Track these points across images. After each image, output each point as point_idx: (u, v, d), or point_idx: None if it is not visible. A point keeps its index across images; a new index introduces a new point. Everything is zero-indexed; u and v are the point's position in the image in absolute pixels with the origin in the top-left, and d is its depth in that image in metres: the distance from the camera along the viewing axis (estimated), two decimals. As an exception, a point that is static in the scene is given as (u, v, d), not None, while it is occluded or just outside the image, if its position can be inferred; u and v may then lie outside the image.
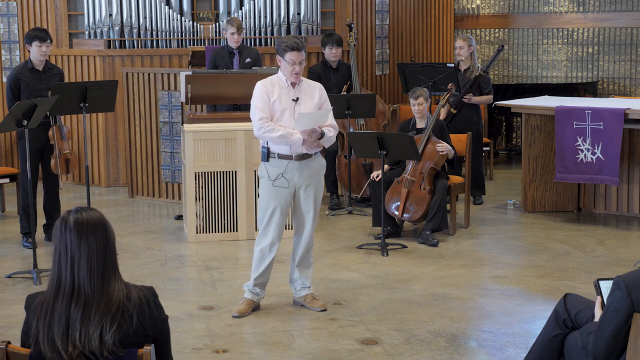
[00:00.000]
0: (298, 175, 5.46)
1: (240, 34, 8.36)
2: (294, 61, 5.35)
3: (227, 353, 4.93)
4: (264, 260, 5.55)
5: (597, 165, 7.61)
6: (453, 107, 8.57)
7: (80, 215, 2.94)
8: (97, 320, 2.85)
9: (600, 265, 6.58)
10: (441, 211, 7.22)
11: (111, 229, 2.99)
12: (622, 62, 11.04)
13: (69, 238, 2.90)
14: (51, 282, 2.93)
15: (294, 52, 5.34)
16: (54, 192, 7.31)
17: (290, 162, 5.44)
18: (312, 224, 5.60)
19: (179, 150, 8.71)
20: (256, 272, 5.57)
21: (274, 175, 5.45)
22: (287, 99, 5.43)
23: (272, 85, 5.44)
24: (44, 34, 7.04)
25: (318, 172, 5.58)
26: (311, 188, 5.52)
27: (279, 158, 5.44)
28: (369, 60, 10.59)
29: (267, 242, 5.53)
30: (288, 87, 5.45)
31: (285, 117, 5.42)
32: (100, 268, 2.91)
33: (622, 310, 3.45)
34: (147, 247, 7.21)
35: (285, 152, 5.44)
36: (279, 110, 5.42)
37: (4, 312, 5.65)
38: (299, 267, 5.68)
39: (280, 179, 5.44)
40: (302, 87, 5.50)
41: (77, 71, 9.76)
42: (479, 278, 6.33)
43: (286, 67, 5.39)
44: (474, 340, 5.12)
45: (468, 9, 11.91)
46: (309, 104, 5.47)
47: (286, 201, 5.51)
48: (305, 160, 5.47)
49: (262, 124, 5.37)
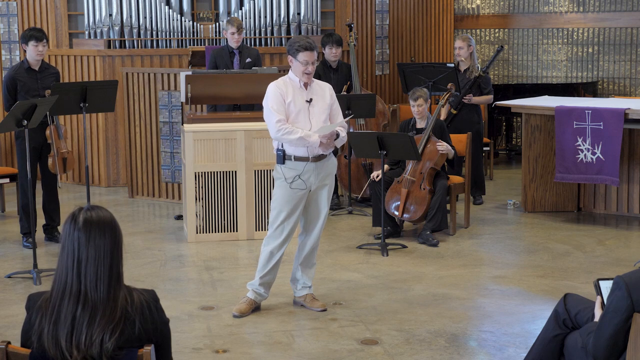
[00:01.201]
0: (314, 177, 5.48)
1: (241, 34, 8.36)
2: (307, 61, 5.36)
3: (227, 353, 4.93)
4: (271, 260, 5.55)
5: (597, 165, 7.61)
6: (453, 108, 8.57)
7: (90, 214, 2.90)
8: (100, 327, 2.83)
9: (600, 265, 6.58)
10: (441, 211, 7.22)
11: (120, 231, 2.95)
12: (622, 62, 11.04)
13: (77, 238, 2.87)
14: (57, 279, 2.90)
15: (307, 52, 5.35)
16: (52, 192, 7.31)
17: (307, 163, 5.44)
18: (322, 224, 5.63)
19: (179, 150, 8.71)
20: (262, 272, 5.57)
21: (291, 177, 5.45)
22: (301, 100, 5.44)
23: (286, 87, 5.44)
24: (40, 33, 7.04)
25: (332, 172, 5.61)
26: (326, 188, 5.56)
27: (296, 160, 5.45)
28: (369, 60, 10.59)
29: (277, 243, 5.53)
30: (301, 88, 5.45)
31: (300, 119, 5.43)
32: (107, 273, 2.88)
33: (622, 310, 3.45)
34: (147, 247, 7.21)
35: (302, 154, 5.44)
36: (294, 111, 5.42)
37: (4, 312, 5.65)
38: (302, 267, 5.68)
39: (298, 181, 5.45)
40: (314, 88, 5.51)
41: (77, 71, 9.76)
42: (479, 278, 6.33)
43: (298, 67, 5.39)
44: (474, 340, 5.12)
45: (468, 9, 11.91)
46: (322, 105, 5.49)
47: (301, 203, 5.52)
48: (321, 161, 5.50)
49: (281, 126, 5.35)
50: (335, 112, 5.58)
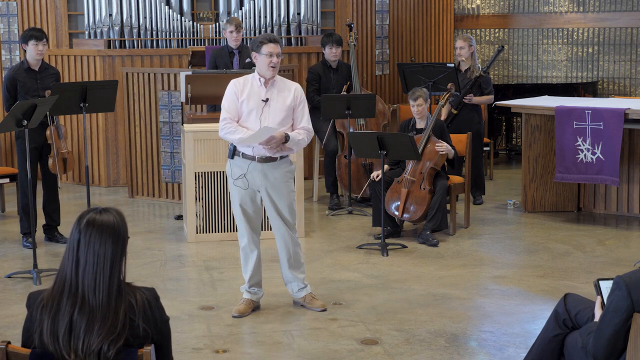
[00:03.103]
0: (260, 178, 5.39)
1: (239, 33, 8.36)
2: (271, 53, 5.29)
3: (227, 353, 4.93)
4: (248, 259, 5.54)
5: (597, 165, 7.61)
6: (454, 108, 8.57)
7: (94, 217, 2.91)
8: (100, 338, 2.83)
9: (600, 265, 6.58)
10: (441, 211, 7.22)
11: (124, 241, 2.93)
12: (622, 62, 11.04)
13: (76, 237, 2.90)
14: (59, 273, 2.93)
15: (271, 44, 5.31)
16: (52, 192, 7.32)
17: (252, 163, 5.39)
18: (284, 227, 5.48)
19: (179, 150, 8.71)
20: (246, 273, 5.56)
21: (237, 174, 5.42)
22: (256, 99, 5.37)
23: (244, 85, 5.39)
24: (40, 33, 7.04)
25: (285, 178, 5.46)
26: (275, 193, 5.42)
27: (243, 157, 5.41)
28: (369, 60, 10.59)
29: (244, 241, 5.52)
30: (260, 87, 5.38)
31: (251, 119, 5.37)
32: (106, 283, 2.87)
33: (622, 310, 3.45)
34: (147, 247, 7.21)
35: (249, 152, 5.39)
36: (246, 111, 5.37)
37: (4, 312, 5.65)
38: (289, 268, 5.62)
39: (242, 179, 5.41)
40: (277, 86, 5.42)
41: (77, 71, 9.76)
42: (479, 278, 6.33)
43: (263, 60, 5.32)
44: (474, 340, 5.12)
45: (468, 9, 11.91)
46: (280, 105, 5.38)
47: (251, 200, 5.45)
48: (270, 164, 5.39)
49: (224, 125, 5.36)
50: (299, 115, 5.44)
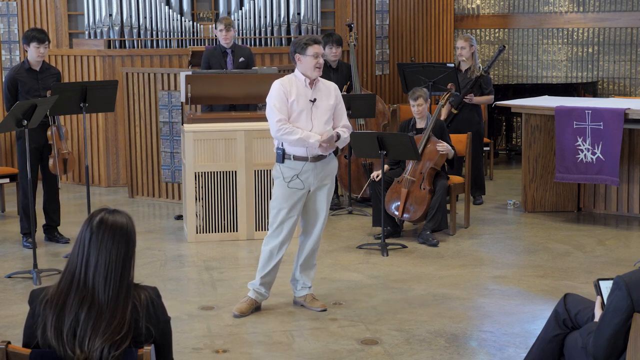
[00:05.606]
0: (313, 177, 5.48)
1: (229, 32, 8.32)
2: (316, 54, 5.39)
3: (227, 353, 4.93)
4: (272, 259, 5.55)
5: (597, 165, 7.61)
6: (454, 107, 8.57)
7: (107, 216, 2.94)
8: (106, 337, 2.84)
9: (600, 265, 6.58)
10: (441, 211, 7.22)
11: (133, 242, 2.99)
12: (622, 62, 11.04)
13: (87, 236, 2.91)
14: (67, 270, 2.93)
15: (316, 45, 5.41)
16: (53, 192, 7.32)
17: (306, 163, 5.45)
18: (322, 225, 5.62)
19: (179, 150, 8.71)
20: (263, 271, 5.57)
21: (289, 176, 5.46)
22: (304, 99, 5.44)
23: (290, 85, 5.44)
24: (42, 35, 7.04)
25: (332, 173, 5.61)
26: (325, 189, 5.55)
27: (295, 160, 5.46)
28: (369, 60, 10.59)
29: (277, 242, 5.53)
30: (306, 87, 5.45)
31: (302, 119, 5.43)
32: (117, 282, 2.90)
33: (622, 310, 3.45)
34: (147, 247, 7.21)
35: (301, 153, 5.44)
36: (297, 111, 5.42)
37: (4, 312, 5.65)
38: (301, 268, 5.67)
39: (295, 180, 5.45)
40: (319, 87, 5.51)
41: (77, 71, 9.76)
42: (479, 278, 6.33)
43: (309, 62, 5.39)
44: (474, 340, 5.12)
45: (468, 9, 11.91)
46: (325, 105, 5.50)
47: (300, 202, 5.52)
48: (321, 162, 5.49)
49: (281, 126, 5.37)
50: (340, 113, 5.59)
